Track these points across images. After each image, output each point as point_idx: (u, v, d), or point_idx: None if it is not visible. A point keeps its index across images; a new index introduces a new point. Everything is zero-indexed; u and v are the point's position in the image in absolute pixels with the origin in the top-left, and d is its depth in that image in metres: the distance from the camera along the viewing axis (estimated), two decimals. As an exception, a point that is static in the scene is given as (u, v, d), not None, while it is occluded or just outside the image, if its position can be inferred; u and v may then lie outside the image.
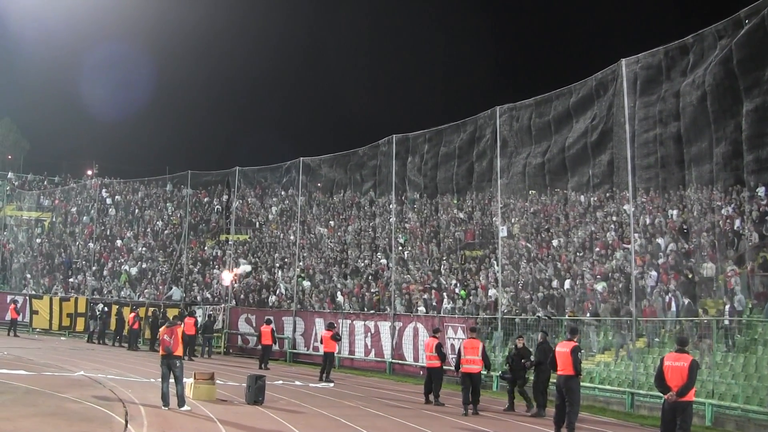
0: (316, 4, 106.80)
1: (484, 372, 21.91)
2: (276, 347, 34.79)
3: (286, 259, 44.15)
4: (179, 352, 18.61)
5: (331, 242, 45.02)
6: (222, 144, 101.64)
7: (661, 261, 27.81)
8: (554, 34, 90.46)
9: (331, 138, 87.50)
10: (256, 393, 19.96)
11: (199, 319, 37.18)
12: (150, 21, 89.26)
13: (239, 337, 39.30)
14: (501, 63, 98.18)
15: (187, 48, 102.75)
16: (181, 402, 18.14)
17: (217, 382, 21.02)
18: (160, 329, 19.36)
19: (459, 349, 21.74)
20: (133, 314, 39.58)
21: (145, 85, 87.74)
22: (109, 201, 59.23)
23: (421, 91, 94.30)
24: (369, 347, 32.91)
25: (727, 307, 23.25)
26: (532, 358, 21.31)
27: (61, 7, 67.05)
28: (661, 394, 13.97)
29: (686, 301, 23.96)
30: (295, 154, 41.93)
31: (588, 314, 26.82)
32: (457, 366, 21.20)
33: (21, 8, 65.47)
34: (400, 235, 39.58)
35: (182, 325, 20.04)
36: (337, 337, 28.97)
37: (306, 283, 40.02)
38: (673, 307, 24.28)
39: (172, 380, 18.36)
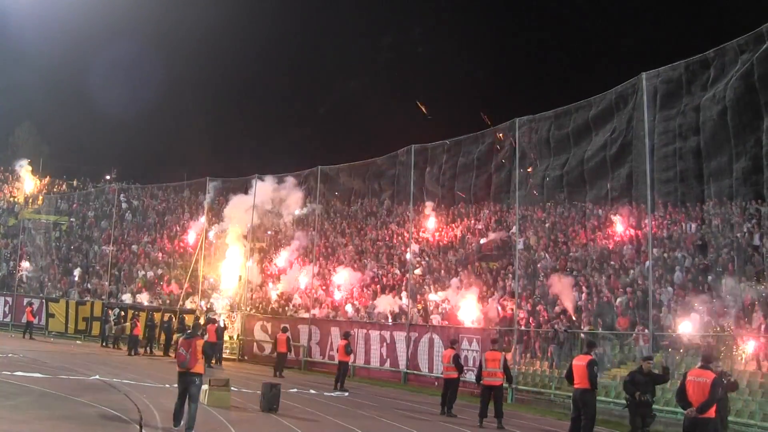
0: (331, 9, 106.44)
1: (506, 385, 21.73)
2: (291, 355, 34.78)
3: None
4: (198, 368, 15.62)
5: (347, 251, 44.95)
6: (237, 149, 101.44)
7: (678, 276, 27.67)
8: (575, 46, 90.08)
9: (347, 146, 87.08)
10: (270, 401, 19.90)
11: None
12: (166, 23, 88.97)
13: (254, 344, 39.31)
14: (520, 74, 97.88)
15: (202, 52, 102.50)
16: (191, 423, 15.28)
17: (232, 388, 20.99)
18: (177, 338, 18.73)
19: (480, 362, 21.59)
20: (135, 320, 39.23)
21: (160, 88, 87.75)
22: (125, 206, 59.50)
23: (439, 101, 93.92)
24: (384, 357, 32.86)
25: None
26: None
27: (77, 11, 67.75)
28: (679, 409, 13.88)
29: (707, 318, 23.86)
30: (311, 163, 41.96)
31: (600, 328, 26.67)
32: (478, 378, 21.03)
33: (40, 14, 66.27)
34: (416, 245, 39.50)
35: (204, 337, 18.24)
36: (349, 350, 28.80)
37: (321, 292, 40.00)
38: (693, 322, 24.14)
39: None
